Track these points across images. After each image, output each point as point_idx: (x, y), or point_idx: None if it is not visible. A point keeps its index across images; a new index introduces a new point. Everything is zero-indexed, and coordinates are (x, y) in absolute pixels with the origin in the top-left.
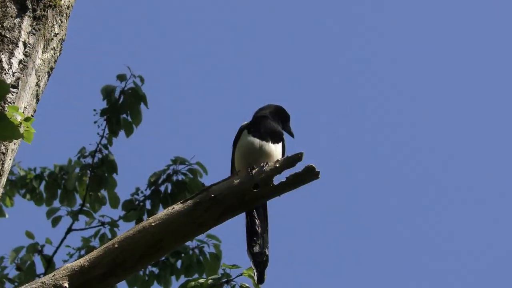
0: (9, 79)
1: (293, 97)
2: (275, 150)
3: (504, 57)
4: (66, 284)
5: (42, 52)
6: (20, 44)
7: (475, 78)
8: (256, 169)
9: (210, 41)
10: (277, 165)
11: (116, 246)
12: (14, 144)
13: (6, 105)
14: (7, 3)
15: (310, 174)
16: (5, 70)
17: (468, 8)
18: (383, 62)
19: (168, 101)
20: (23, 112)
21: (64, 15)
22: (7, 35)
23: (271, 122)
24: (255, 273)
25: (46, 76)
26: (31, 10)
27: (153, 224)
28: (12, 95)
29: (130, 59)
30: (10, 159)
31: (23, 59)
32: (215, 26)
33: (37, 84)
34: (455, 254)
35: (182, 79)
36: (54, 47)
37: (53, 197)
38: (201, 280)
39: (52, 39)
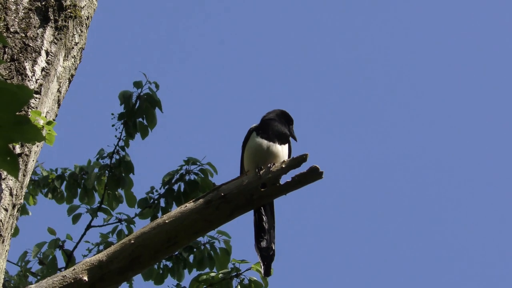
0: (32, 86)
1: (299, 99)
2: (282, 151)
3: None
4: (85, 278)
5: (63, 60)
6: (43, 53)
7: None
8: (264, 170)
9: (221, 46)
10: (283, 166)
11: (132, 241)
12: (37, 146)
13: (30, 109)
14: (31, 14)
15: (314, 174)
16: (28, 77)
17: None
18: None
19: (181, 105)
20: (45, 117)
21: (84, 25)
22: (31, 44)
23: (278, 124)
24: (262, 267)
25: (67, 82)
26: (53, 21)
27: (167, 221)
28: (35, 100)
29: (145, 65)
30: (33, 160)
31: (46, 66)
32: (225, 31)
33: (59, 90)
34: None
35: (194, 84)
36: (74, 55)
37: (74, 196)
38: (212, 274)
39: (73, 48)
